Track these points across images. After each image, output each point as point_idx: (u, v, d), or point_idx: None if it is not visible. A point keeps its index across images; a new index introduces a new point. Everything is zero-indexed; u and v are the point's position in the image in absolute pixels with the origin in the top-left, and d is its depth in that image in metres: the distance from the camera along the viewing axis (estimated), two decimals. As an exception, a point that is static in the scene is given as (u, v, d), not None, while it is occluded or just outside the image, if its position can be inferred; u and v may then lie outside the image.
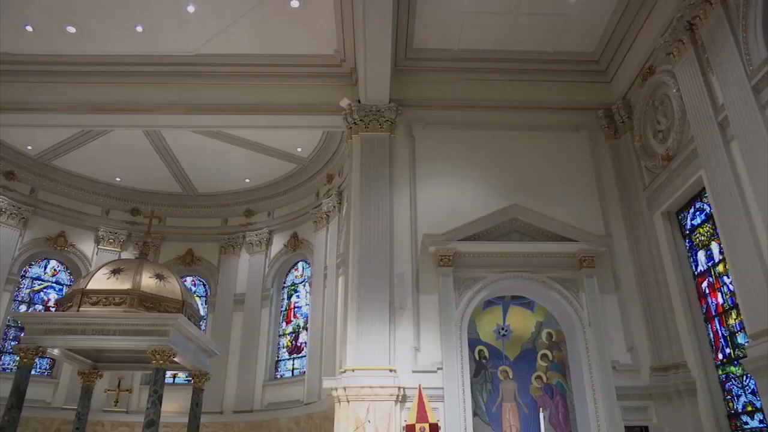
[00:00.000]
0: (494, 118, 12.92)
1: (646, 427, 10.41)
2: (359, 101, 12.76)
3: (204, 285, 19.07)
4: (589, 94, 13.24)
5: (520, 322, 11.61)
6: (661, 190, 11.19)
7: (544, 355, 11.39)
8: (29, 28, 12.53)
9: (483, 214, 11.63)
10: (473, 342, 11.24)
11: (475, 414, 10.58)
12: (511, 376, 11.22)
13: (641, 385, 10.61)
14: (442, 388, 10.21)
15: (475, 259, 11.33)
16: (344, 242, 13.43)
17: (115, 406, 16.09)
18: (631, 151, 12.28)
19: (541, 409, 10.40)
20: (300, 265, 18.17)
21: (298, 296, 17.91)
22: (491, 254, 11.34)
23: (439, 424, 9.58)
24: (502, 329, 11.53)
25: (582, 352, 10.72)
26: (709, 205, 9.95)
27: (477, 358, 11.29)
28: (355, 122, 12.70)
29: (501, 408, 10.98)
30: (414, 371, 10.45)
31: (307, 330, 16.64)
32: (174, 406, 15.53)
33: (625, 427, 10.18)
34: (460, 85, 13.26)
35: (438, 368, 10.46)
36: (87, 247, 17.91)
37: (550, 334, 11.50)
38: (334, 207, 16.14)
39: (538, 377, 11.23)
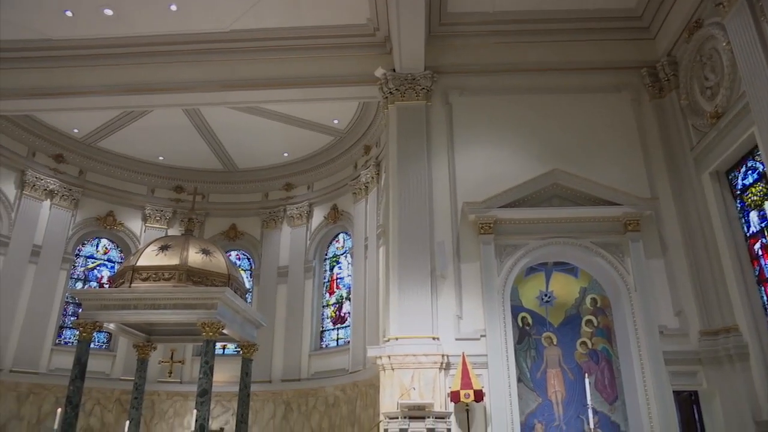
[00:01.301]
0: (532, 82, 12.61)
1: (696, 392, 10.26)
2: (394, 70, 12.62)
3: (248, 259, 19.51)
4: (631, 53, 12.75)
5: (564, 288, 11.50)
6: (710, 149, 10.77)
7: (589, 321, 11.28)
8: (69, 14, 12.78)
9: (523, 180, 11.46)
10: (516, 309, 11.22)
11: (519, 380, 10.61)
12: (555, 343, 11.18)
13: (690, 349, 10.42)
14: (486, 355, 10.29)
15: (516, 225, 11.23)
16: (384, 213, 13.47)
17: (170, 376, 16.77)
18: (677, 110, 11.81)
19: (586, 374, 10.33)
20: (341, 236, 18.36)
21: (340, 267, 18.14)
22: (532, 221, 11.22)
23: (483, 391, 9.68)
24: (545, 296, 11.46)
25: (628, 317, 10.57)
26: (762, 164, 9.55)
27: (520, 324, 11.27)
28: (390, 92, 12.59)
29: (546, 374, 10.98)
30: (457, 339, 10.53)
31: (350, 300, 16.89)
32: (225, 375, 16.12)
33: (674, 391, 10.06)
34: (496, 49, 12.96)
35: (481, 336, 10.51)
36: (135, 225, 18.53)
37: (594, 300, 11.37)
38: (373, 178, 16.16)
39: (583, 343, 11.15)
